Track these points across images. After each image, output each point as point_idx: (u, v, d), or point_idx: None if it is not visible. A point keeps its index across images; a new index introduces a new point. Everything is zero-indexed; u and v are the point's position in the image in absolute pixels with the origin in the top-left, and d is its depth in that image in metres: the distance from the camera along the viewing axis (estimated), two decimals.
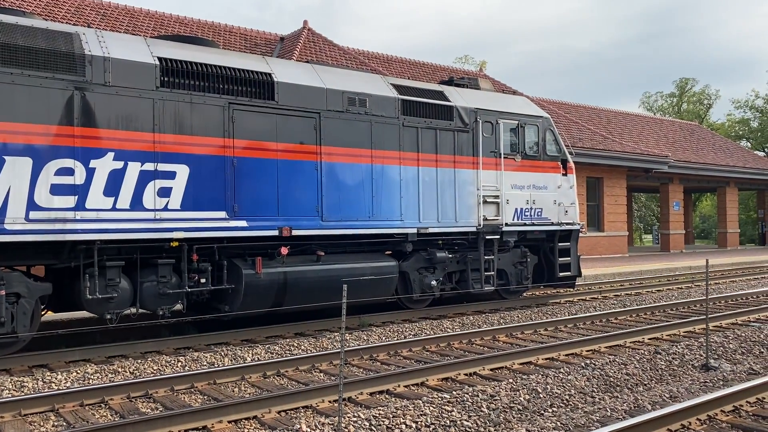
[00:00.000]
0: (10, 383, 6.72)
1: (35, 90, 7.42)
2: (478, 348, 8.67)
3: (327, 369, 7.44)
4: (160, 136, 8.24)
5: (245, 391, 6.58)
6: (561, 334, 9.60)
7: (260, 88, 9.11)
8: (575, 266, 12.74)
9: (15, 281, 7.57)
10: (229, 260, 8.97)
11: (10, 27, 7.49)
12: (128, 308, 8.32)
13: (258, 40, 21.06)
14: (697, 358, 7.63)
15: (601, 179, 26.19)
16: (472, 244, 11.50)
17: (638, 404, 5.80)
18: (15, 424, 5.53)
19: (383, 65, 23.25)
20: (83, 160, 7.69)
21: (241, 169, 8.85)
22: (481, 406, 5.73)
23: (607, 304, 12.62)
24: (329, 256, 9.85)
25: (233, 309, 8.98)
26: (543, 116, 12.47)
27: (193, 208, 8.45)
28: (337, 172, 9.75)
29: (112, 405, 6.02)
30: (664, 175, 29.28)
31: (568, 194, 12.62)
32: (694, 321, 9.96)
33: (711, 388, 6.34)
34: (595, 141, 25.26)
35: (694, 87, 58.00)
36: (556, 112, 25.84)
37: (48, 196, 7.45)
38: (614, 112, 34.49)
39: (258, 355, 8.14)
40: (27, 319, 7.63)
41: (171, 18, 20.02)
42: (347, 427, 5.14)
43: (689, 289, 15.44)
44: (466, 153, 11.23)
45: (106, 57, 7.94)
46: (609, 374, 6.83)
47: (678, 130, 36.49)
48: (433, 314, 11.18)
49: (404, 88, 10.83)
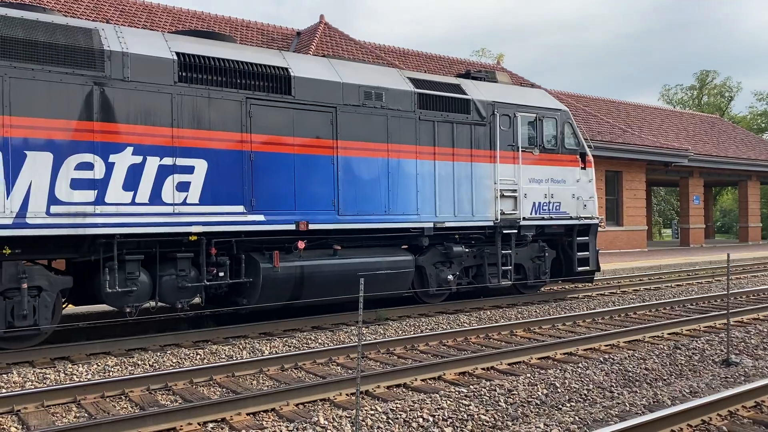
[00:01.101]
0: (32, 375, 6.84)
1: (55, 85, 7.50)
2: (496, 343, 8.64)
3: (344, 362, 7.46)
4: (179, 131, 8.30)
5: (263, 384, 6.62)
6: (579, 329, 9.54)
7: (277, 83, 9.13)
8: (594, 261, 12.63)
9: (37, 275, 7.67)
10: (247, 254, 9.02)
11: (30, 23, 7.58)
12: (147, 301, 8.41)
13: (275, 35, 21.10)
14: (718, 353, 7.54)
15: (620, 173, 25.93)
16: (489, 238, 11.44)
17: (657, 399, 5.74)
18: (38, 414, 5.62)
19: (400, 59, 23.19)
20: (103, 155, 7.77)
21: (258, 163, 8.89)
22: (499, 401, 5.71)
23: (626, 299, 12.51)
24: (346, 250, 9.87)
25: (251, 302, 9.04)
26: (561, 109, 12.36)
27: (212, 202, 8.51)
28: (354, 166, 9.76)
29: (132, 397, 6.09)
30: (684, 168, 28.92)
31: (586, 188, 12.51)
32: (714, 316, 9.85)
33: (732, 384, 6.26)
34: (614, 134, 25.00)
35: (715, 79, 57.16)
36: (574, 105, 25.61)
37: (68, 190, 7.54)
38: (633, 105, 34.10)
39: (276, 348, 8.19)
40: (48, 312, 7.74)
41: (189, 13, 20.13)
42: (364, 419, 5.16)
43: (710, 284, 15.25)
44: (483, 146, 11.17)
45: (125, 52, 8.00)
46: (628, 369, 6.78)
47: (698, 122, 35.99)
48: (450, 309, 11.16)
49: (421, 81, 10.79)
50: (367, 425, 5.07)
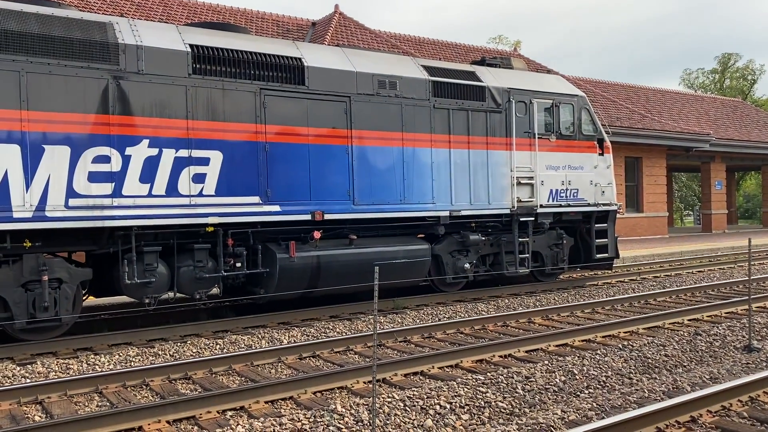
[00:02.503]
0: (56, 365, 6.95)
1: (71, 80, 7.57)
2: (513, 330, 8.61)
3: (362, 351, 7.48)
4: (194, 122, 8.34)
5: (282, 373, 6.67)
6: (598, 316, 9.46)
7: (291, 73, 9.12)
8: (612, 248, 12.51)
9: (57, 267, 7.78)
10: (264, 244, 9.07)
11: (46, 18, 7.64)
12: (166, 292, 8.49)
13: (290, 25, 21.09)
14: (739, 339, 7.44)
15: (640, 159, 25.60)
16: (506, 226, 11.37)
17: (677, 386, 5.68)
18: (61, 404, 5.71)
19: (415, 47, 23.06)
20: (119, 148, 7.84)
21: (273, 154, 8.90)
22: (516, 388, 5.69)
23: (645, 286, 12.38)
24: (361, 239, 9.87)
25: (268, 292, 9.09)
26: (578, 95, 12.21)
27: (227, 193, 8.55)
28: (368, 155, 9.74)
29: (153, 386, 6.17)
30: (706, 153, 28.46)
31: (604, 174, 12.37)
32: (736, 302, 9.70)
33: (753, 370, 6.17)
34: (634, 120, 24.67)
35: (737, 62, 56.10)
36: (592, 91, 25.30)
37: (86, 183, 7.62)
38: (653, 89, 33.58)
39: (294, 337, 8.24)
40: (69, 303, 7.85)
41: (204, 6, 20.19)
42: (382, 407, 5.17)
43: (732, 269, 15.03)
44: (499, 134, 11.08)
45: (139, 45, 8.04)
46: (647, 356, 6.71)
47: (720, 107, 35.36)
48: (468, 297, 11.13)
49: (435, 69, 10.71)
50: (384, 412, 5.08)
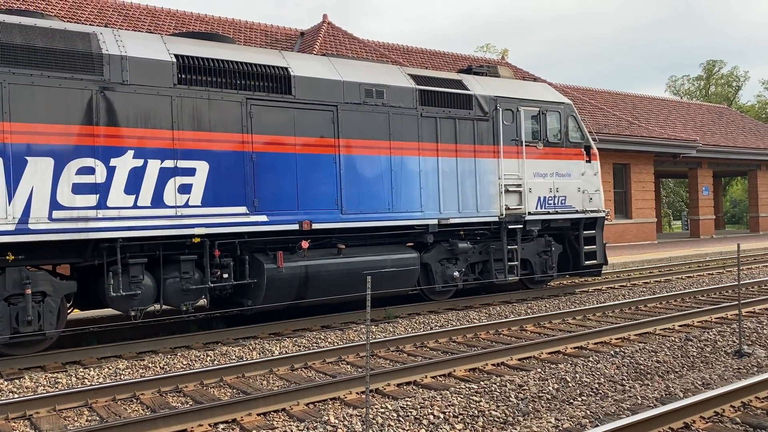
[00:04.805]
0: (44, 379, 6.82)
1: (55, 91, 7.48)
2: (506, 338, 8.56)
3: (354, 361, 7.40)
4: (179, 133, 8.26)
5: (274, 384, 6.57)
6: (589, 323, 9.44)
7: (277, 83, 9.08)
8: (601, 254, 12.52)
9: (40, 280, 7.66)
10: (251, 255, 8.98)
11: (28, 29, 7.56)
12: (152, 305, 8.38)
13: (278, 35, 21.07)
14: (730, 344, 7.43)
15: (628, 165, 25.74)
16: (495, 234, 11.35)
17: (669, 392, 5.65)
18: (50, 419, 5.60)
19: (403, 56, 23.11)
20: (104, 159, 7.74)
21: (260, 164, 8.84)
22: (509, 396, 5.64)
23: (636, 292, 12.39)
24: (350, 249, 9.81)
25: (256, 303, 9.00)
26: (565, 102, 12.25)
27: (214, 204, 8.47)
28: (356, 164, 9.69)
29: (144, 400, 6.07)
30: (693, 159, 28.68)
31: (592, 181, 12.40)
32: (726, 307, 9.72)
33: (745, 375, 6.15)
34: (621, 127, 24.81)
35: (722, 69, 56.69)
36: (579, 99, 25.44)
37: (70, 195, 7.52)
38: (639, 96, 33.85)
39: (286, 348, 8.15)
40: (53, 317, 7.72)
41: (192, 16, 20.13)
42: (375, 418, 5.09)
43: (720, 275, 15.09)
44: (486, 142, 11.08)
45: (123, 56, 7.97)
46: (639, 362, 6.68)
47: (706, 113, 35.69)
48: (460, 305, 11.08)
49: (422, 78, 10.71)
50: (377, 423, 5.01)
